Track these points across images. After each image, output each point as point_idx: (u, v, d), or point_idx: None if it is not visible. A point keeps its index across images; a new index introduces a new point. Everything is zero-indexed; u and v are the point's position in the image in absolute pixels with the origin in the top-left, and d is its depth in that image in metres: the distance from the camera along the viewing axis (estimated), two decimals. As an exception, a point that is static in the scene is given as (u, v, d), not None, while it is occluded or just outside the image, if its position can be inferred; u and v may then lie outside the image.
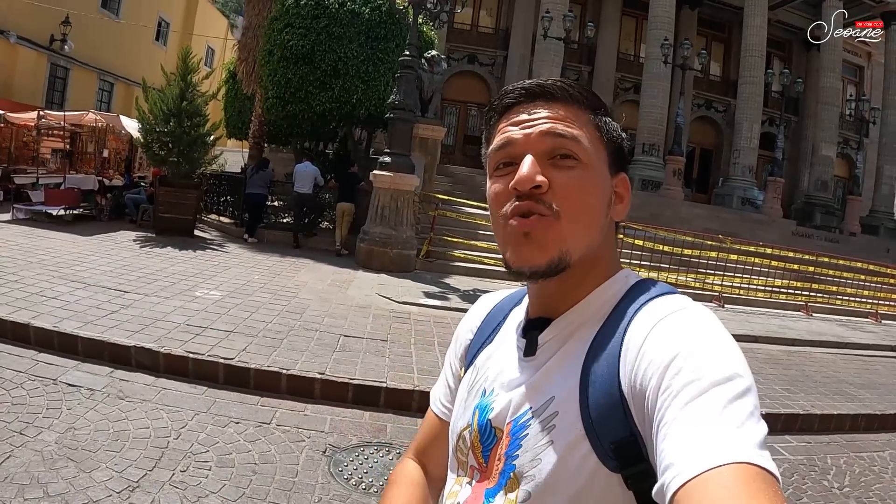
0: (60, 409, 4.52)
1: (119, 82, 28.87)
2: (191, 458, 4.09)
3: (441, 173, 18.21)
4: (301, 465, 4.23)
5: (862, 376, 8.94)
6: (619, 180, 1.03)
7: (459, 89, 27.59)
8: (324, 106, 14.72)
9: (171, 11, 34.17)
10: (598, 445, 0.86)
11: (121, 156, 20.85)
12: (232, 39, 36.13)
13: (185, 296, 7.90)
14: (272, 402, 5.25)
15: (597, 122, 1.01)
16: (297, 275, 10.62)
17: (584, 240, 0.96)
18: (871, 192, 29.91)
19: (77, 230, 12.11)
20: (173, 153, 13.35)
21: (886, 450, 6.31)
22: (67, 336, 5.73)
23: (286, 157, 21.90)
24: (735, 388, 0.75)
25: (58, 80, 25.07)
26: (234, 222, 15.62)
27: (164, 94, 13.63)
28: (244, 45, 18.69)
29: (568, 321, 1.00)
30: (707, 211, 23.58)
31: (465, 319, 1.27)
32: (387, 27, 14.74)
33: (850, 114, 30.74)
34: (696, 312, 0.88)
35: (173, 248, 11.64)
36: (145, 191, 15.46)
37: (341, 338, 6.95)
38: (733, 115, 27.75)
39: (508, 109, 1.03)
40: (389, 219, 12.56)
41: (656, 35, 23.99)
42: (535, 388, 0.97)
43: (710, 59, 27.38)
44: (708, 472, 0.67)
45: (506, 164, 1.00)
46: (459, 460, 1.09)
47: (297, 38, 14.36)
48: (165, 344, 5.78)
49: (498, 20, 28.59)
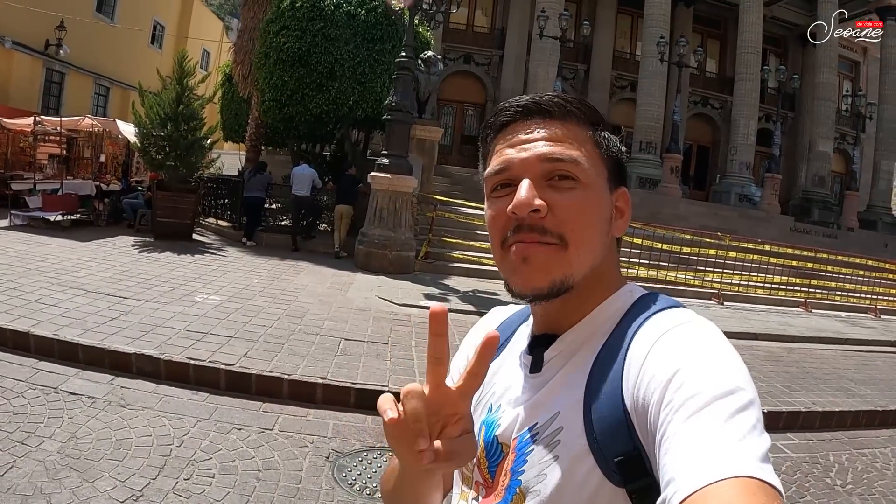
0: (62, 417, 4.51)
1: (115, 87, 28.84)
2: (194, 465, 4.08)
3: (439, 174, 18.21)
4: (305, 471, 4.22)
5: (862, 372, 8.95)
6: (618, 195, 1.03)
7: (456, 89, 27.56)
8: (320, 108, 14.73)
9: (166, 15, 34.15)
10: (603, 460, 0.85)
11: (118, 160, 20.84)
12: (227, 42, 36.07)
13: (185, 301, 7.88)
14: (274, 408, 5.24)
15: (596, 138, 1.01)
16: (296, 278, 10.61)
17: (587, 261, 0.96)
18: (868, 187, 29.91)
19: (75, 236, 12.09)
20: (170, 157, 13.32)
21: (888, 446, 6.32)
22: (68, 344, 5.71)
23: (283, 160, 21.87)
24: (737, 401, 0.74)
25: (53, 84, 25.04)
26: (232, 226, 15.59)
27: (161, 97, 13.60)
28: (240, 47, 18.70)
29: (572, 338, 0.99)
30: (705, 208, 23.60)
31: (475, 331, 1.25)
32: (383, 28, 14.76)
33: (846, 109, 30.73)
34: (698, 326, 0.88)
35: (172, 252, 11.62)
36: (143, 195, 15.42)
37: (342, 341, 6.94)
38: (730, 111, 27.73)
39: (504, 128, 1.02)
40: (388, 220, 12.54)
41: (652, 33, 24.02)
42: (540, 404, 0.97)
43: (705, 56, 27.46)
44: (709, 487, 0.66)
45: (503, 185, 0.99)
46: (464, 475, 1.08)
47: (292, 40, 14.37)
48: (166, 350, 5.77)
49: (493, 20, 28.56)
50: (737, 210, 24.01)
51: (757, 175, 27.44)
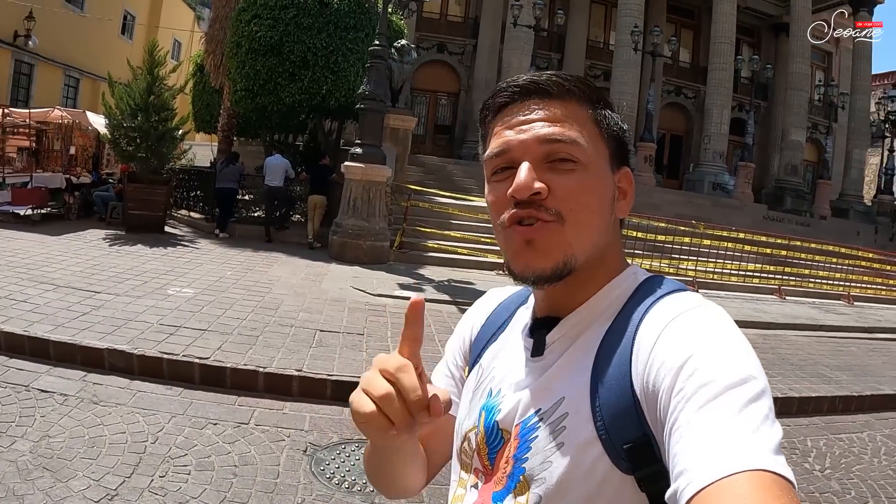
0: (34, 416, 4.42)
1: (85, 78, 28.39)
2: (169, 462, 4.01)
3: (412, 163, 18.13)
4: (282, 465, 4.17)
5: (837, 358, 9.07)
6: (621, 175, 1.01)
7: (429, 79, 27.44)
8: (293, 97, 14.62)
9: (136, 4, 33.66)
10: (611, 447, 0.83)
11: (88, 153, 20.46)
12: (199, 32, 35.64)
13: (157, 294, 7.79)
14: (250, 402, 5.18)
15: (596, 116, 0.98)
16: (270, 269, 10.53)
17: (588, 242, 0.94)
18: (840, 176, 30.42)
19: (45, 230, 11.91)
20: (141, 149, 13.13)
21: (865, 431, 6.41)
22: (38, 340, 5.61)
23: (256, 151, 21.72)
24: (749, 390, 0.73)
25: (22, 76, 24.67)
26: (204, 217, 15.48)
27: (131, 88, 13.42)
28: (211, 37, 18.48)
29: (576, 320, 0.97)
30: (679, 196, 23.76)
31: (470, 313, 1.23)
32: (356, 17, 14.69)
33: (819, 99, 31.06)
34: (708, 311, 0.87)
35: (144, 245, 11.49)
36: (114, 188, 15.24)
37: (317, 333, 6.90)
38: (703, 101, 27.93)
39: (503, 109, 0.99)
40: (362, 210, 12.48)
41: (626, 22, 24.09)
42: (543, 389, 0.95)
43: (679, 45, 27.58)
44: (723, 480, 0.65)
45: (503, 168, 0.96)
46: (463, 461, 1.06)
47: (265, 29, 14.25)
48: (139, 345, 5.68)
49: (467, 9, 28.46)
50: (710, 198, 24.20)
51: (730, 164, 27.73)
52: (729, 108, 26.56)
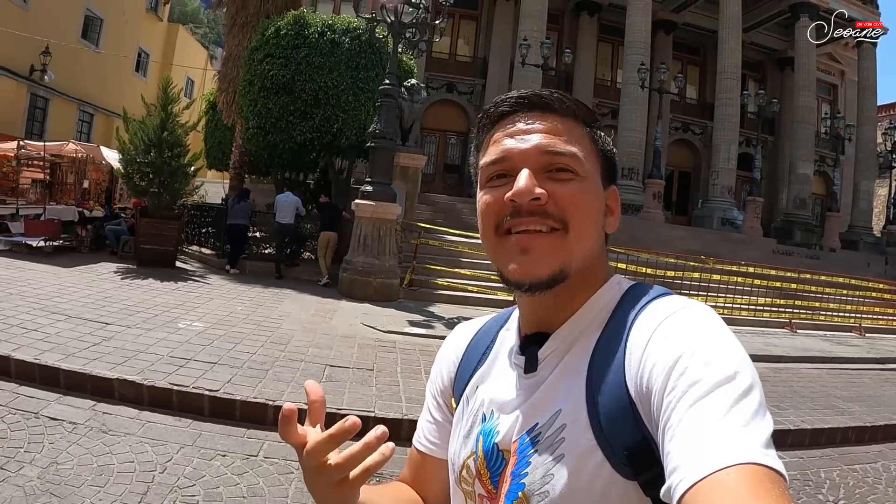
0: (42, 443, 4.43)
1: (99, 113, 28.83)
2: (177, 492, 4.01)
3: (422, 202, 18.20)
4: (290, 497, 4.15)
5: (850, 389, 8.98)
6: (609, 193, 1.03)
7: (438, 118, 27.64)
8: (304, 135, 14.75)
9: (150, 42, 34.25)
10: (612, 453, 0.84)
11: (101, 187, 20.70)
12: (211, 70, 36.20)
13: (168, 327, 7.81)
14: (259, 434, 5.17)
15: (592, 135, 1.02)
16: (280, 305, 10.55)
17: (586, 250, 0.96)
18: (849, 207, 30.26)
19: (57, 261, 12.01)
20: (154, 184, 13.29)
21: (879, 461, 6.32)
22: (49, 369, 5.63)
23: (267, 188, 21.86)
24: (739, 386, 0.75)
25: (38, 110, 25.07)
26: (215, 253, 15.54)
27: (145, 124, 13.59)
28: (224, 75, 18.73)
29: (566, 332, 0.98)
30: (687, 232, 23.69)
31: (443, 351, 1.24)
32: (367, 56, 14.85)
33: (825, 131, 31.11)
34: (696, 311, 0.88)
35: (155, 279, 11.54)
36: (126, 222, 15.37)
37: (327, 368, 6.90)
38: (710, 136, 27.98)
39: (503, 118, 1.01)
40: (372, 248, 12.51)
41: (633, 60, 24.21)
42: (539, 404, 0.95)
43: (686, 82, 27.69)
44: (715, 474, 0.67)
45: (499, 175, 0.98)
46: (465, 490, 1.06)
47: (277, 67, 14.43)
48: (149, 376, 5.70)
49: (476, 49, 28.75)
50: (719, 234, 24.11)
51: (738, 199, 27.61)
52: (736, 143, 26.53)
